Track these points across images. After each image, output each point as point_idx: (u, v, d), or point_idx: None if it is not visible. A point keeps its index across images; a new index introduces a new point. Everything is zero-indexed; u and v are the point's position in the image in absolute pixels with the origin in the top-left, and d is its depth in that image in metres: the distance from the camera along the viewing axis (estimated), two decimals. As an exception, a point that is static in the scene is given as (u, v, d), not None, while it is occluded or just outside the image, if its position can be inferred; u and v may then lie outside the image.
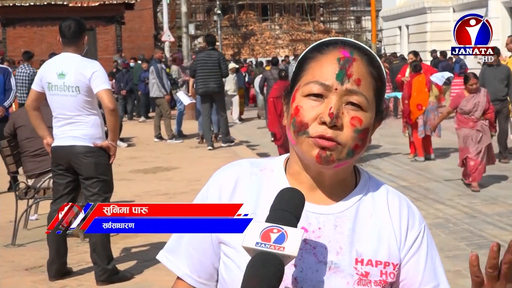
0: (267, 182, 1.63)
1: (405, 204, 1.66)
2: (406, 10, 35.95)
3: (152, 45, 35.00)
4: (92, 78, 5.62)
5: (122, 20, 32.22)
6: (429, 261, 1.62)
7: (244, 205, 1.55)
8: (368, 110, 1.55)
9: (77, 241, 7.15)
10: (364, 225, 1.59)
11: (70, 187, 5.86)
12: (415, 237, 1.62)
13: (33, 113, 5.88)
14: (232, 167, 1.68)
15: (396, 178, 10.83)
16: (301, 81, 1.57)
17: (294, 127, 1.54)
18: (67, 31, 5.77)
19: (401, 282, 1.60)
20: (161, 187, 10.28)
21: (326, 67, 1.55)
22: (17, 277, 6.13)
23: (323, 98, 1.53)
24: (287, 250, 1.36)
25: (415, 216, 1.65)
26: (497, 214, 8.23)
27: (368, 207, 1.62)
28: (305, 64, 1.60)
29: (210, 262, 1.64)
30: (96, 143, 5.73)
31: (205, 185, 1.69)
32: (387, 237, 1.59)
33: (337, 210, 1.59)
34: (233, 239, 1.56)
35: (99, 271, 5.78)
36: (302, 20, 50.25)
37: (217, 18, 42.73)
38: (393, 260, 1.58)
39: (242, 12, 49.83)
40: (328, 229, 1.56)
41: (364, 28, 54.98)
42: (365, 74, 1.56)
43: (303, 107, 1.53)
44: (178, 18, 40.44)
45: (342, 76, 1.53)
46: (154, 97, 16.13)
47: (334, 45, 1.59)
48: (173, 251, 1.67)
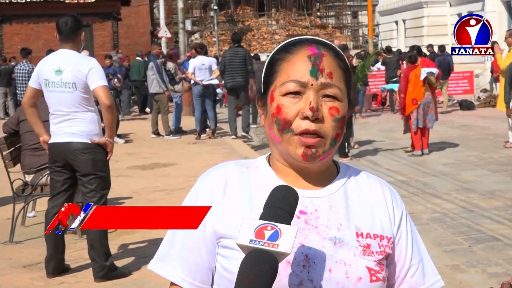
0: (256, 178, 1.70)
1: (386, 186, 1.78)
2: (403, 4, 35.93)
3: (148, 41, 34.93)
4: (89, 74, 5.62)
5: (118, 16, 32.18)
6: (413, 238, 1.74)
7: (238, 201, 1.64)
8: (342, 100, 1.65)
9: (75, 238, 7.14)
10: (355, 203, 1.69)
11: (67, 184, 5.86)
12: (400, 216, 1.74)
13: (29, 110, 5.87)
14: (218, 168, 1.75)
15: (394, 172, 10.83)
16: (276, 82, 1.66)
17: (278, 125, 1.63)
18: (64, 28, 5.76)
19: (396, 254, 1.71)
20: (158, 183, 10.28)
21: (299, 65, 1.65)
22: (15, 274, 6.13)
23: (301, 94, 1.63)
24: (281, 248, 1.39)
25: (397, 197, 1.77)
26: (494, 208, 8.24)
27: (354, 188, 1.72)
28: (276, 65, 1.68)
29: (206, 263, 1.66)
30: (93, 140, 5.73)
31: (192, 188, 1.73)
32: (378, 213, 1.70)
33: (328, 193, 1.69)
34: (234, 230, 1.57)
35: (97, 267, 5.77)
36: (299, 15, 50.20)
37: (213, 14, 42.65)
38: (387, 234, 1.68)
39: (238, 8, 49.75)
40: (324, 210, 1.65)
41: (361, 23, 54.91)
42: (335, 67, 1.66)
43: (284, 105, 1.63)
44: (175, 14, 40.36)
45: (315, 72, 1.63)
46: (154, 93, 16.11)
47: (301, 44, 1.69)
48: (165, 257, 1.70)
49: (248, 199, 1.64)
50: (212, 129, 15.91)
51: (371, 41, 31.35)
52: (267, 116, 1.68)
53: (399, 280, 1.72)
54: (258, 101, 1.74)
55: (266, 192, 1.58)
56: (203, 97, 15.56)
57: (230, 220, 1.62)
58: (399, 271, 1.71)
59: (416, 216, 7.81)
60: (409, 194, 9.16)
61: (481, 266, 6.15)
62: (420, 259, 1.73)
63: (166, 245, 1.71)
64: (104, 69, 19.52)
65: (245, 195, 1.66)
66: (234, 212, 1.62)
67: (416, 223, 1.84)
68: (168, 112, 16.30)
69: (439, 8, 33.06)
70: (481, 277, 5.90)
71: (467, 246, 6.76)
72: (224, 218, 1.63)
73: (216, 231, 1.63)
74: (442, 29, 32.30)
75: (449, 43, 29.16)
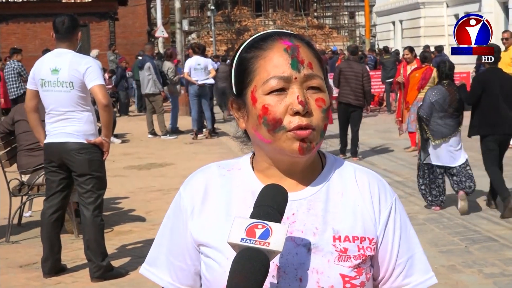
0: (237, 180, 1.67)
1: (374, 180, 1.69)
2: (400, 5, 35.97)
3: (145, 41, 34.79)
4: (86, 73, 5.61)
5: (115, 16, 32.12)
6: (403, 233, 1.66)
7: (216, 209, 1.62)
8: (325, 90, 1.60)
9: (71, 237, 7.14)
10: (337, 204, 1.63)
11: (63, 184, 5.85)
12: (388, 212, 1.65)
13: (32, 115, 5.87)
14: (200, 172, 1.73)
15: (391, 173, 10.83)
16: (256, 81, 1.58)
17: (267, 126, 1.56)
18: (61, 27, 5.76)
19: (380, 255, 1.64)
20: (155, 183, 10.28)
21: (277, 60, 1.57)
22: (11, 274, 6.12)
23: (285, 90, 1.56)
24: (272, 246, 1.39)
25: (386, 190, 1.68)
26: (491, 209, 8.24)
27: (338, 186, 1.65)
28: (249, 64, 1.60)
29: (192, 267, 1.67)
30: (89, 140, 5.72)
31: (177, 192, 1.72)
32: (361, 213, 1.62)
33: (308, 194, 1.62)
34: (211, 239, 1.60)
35: (93, 267, 5.77)
36: (296, 16, 50.23)
37: (210, 14, 42.71)
38: (369, 235, 1.61)
39: (235, 8, 49.75)
40: (301, 213, 1.60)
41: (358, 24, 54.99)
42: (311, 57, 1.61)
43: (270, 104, 1.55)
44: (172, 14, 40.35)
45: (296, 64, 1.57)
46: (150, 93, 16.10)
47: (271, 38, 1.62)
48: (154, 262, 1.72)
49: (226, 206, 1.62)
50: (209, 129, 15.92)
51: (368, 41, 31.39)
52: (250, 118, 1.60)
53: (383, 281, 1.66)
54: (231, 104, 1.66)
55: (244, 196, 1.58)
56: (199, 97, 15.57)
57: (207, 228, 1.62)
58: (384, 272, 1.65)
59: (413, 216, 7.81)
60: (405, 194, 9.16)
61: (477, 266, 6.16)
62: (410, 256, 1.66)
63: (155, 250, 1.73)
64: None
65: (223, 201, 1.63)
66: (211, 220, 1.62)
67: (413, 224, 1.80)
68: (164, 112, 16.31)
69: (436, 9, 33.12)
70: (477, 278, 5.90)
71: (464, 246, 6.77)
72: (201, 226, 1.63)
73: (195, 239, 1.64)
74: (439, 30, 32.36)
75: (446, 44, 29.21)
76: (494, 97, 8.04)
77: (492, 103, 8.04)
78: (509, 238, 7.02)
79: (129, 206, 8.74)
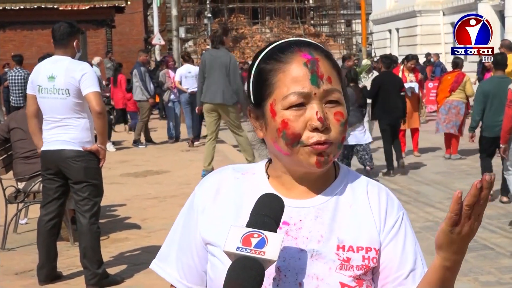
0: (250, 184, 1.69)
1: (384, 193, 1.71)
2: (396, 13, 36.06)
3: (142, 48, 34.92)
4: (82, 80, 5.61)
5: (112, 24, 32.13)
6: (407, 247, 1.65)
7: (226, 210, 1.65)
8: (343, 102, 1.61)
9: (67, 245, 7.13)
10: (345, 214, 1.64)
11: (59, 192, 5.85)
12: (393, 223, 1.66)
13: (32, 121, 5.87)
14: (215, 173, 1.75)
15: (387, 181, 10.84)
16: (275, 95, 1.59)
17: (286, 140, 1.57)
18: (57, 34, 5.77)
19: (381, 266, 1.63)
20: (151, 190, 10.26)
21: (297, 75, 1.58)
22: (6, 281, 6.11)
23: (304, 105, 1.57)
24: (268, 255, 1.40)
25: (393, 204, 1.70)
26: (487, 217, 8.25)
27: (348, 197, 1.66)
28: (268, 76, 1.61)
29: (199, 266, 1.69)
30: (86, 147, 5.71)
31: (192, 192, 1.75)
32: (367, 224, 1.63)
33: (318, 202, 1.64)
34: (218, 238, 1.61)
35: (89, 275, 5.75)
36: (293, 24, 50.29)
37: (207, 22, 42.72)
38: (375, 245, 1.62)
39: (232, 16, 49.80)
40: (309, 220, 1.61)
41: (354, 31, 55.04)
42: (330, 70, 1.61)
43: (290, 119, 1.57)
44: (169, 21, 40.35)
45: (316, 80, 1.57)
46: (137, 100, 16.14)
47: (290, 49, 1.61)
48: (165, 258, 1.73)
49: (236, 208, 1.64)
50: (193, 137, 15.94)
51: (364, 49, 31.41)
52: (269, 130, 1.61)
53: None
54: (249, 114, 1.68)
55: (254, 201, 1.59)
56: (192, 105, 15.52)
57: (215, 227, 1.63)
58: (383, 280, 1.63)
59: (409, 224, 7.80)
60: (401, 202, 9.11)
61: (473, 274, 6.16)
62: (413, 269, 1.63)
63: (167, 246, 1.75)
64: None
65: (234, 203, 1.65)
66: (220, 220, 1.64)
67: (409, 231, 1.78)
68: (147, 121, 16.30)
69: (432, 17, 33.22)
70: (473, 286, 5.90)
71: (460, 254, 6.76)
72: (210, 225, 1.65)
73: (203, 237, 1.66)
74: (435, 38, 32.44)
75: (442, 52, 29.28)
76: (387, 92, 11.43)
77: (386, 97, 11.44)
78: (505, 246, 7.03)
79: (125, 213, 8.73)
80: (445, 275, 1.52)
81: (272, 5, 50.17)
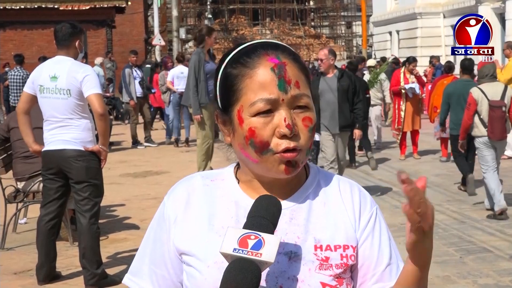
0: (220, 191, 1.66)
1: (356, 189, 1.70)
2: (397, 15, 36.04)
3: (143, 48, 34.96)
4: (84, 81, 5.62)
5: (112, 24, 32.13)
6: (383, 243, 1.66)
7: (198, 218, 1.62)
8: (311, 108, 1.58)
9: (67, 245, 7.13)
10: (319, 214, 1.63)
11: (60, 192, 5.85)
12: (367, 219, 1.66)
13: (22, 118, 5.86)
14: (183, 182, 1.71)
15: (386, 183, 10.85)
16: (242, 101, 1.56)
17: (254, 147, 1.55)
18: (59, 34, 5.79)
19: (359, 263, 1.63)
20: (150, 191, 10.27)
21: (264, 81, 1.54)
22: (5, 281, 6.11)
23: (272, 111, 1.54)
24: (264, 257, 1.40)
25: (366, 200, 1.69)
26: (486, 220, 8.26)
27: (321, 196, 1.65)
28: (235, 82, 1.57)
29: (174, 276, 1.66)
30: (87, 147, 5.72)
31: (162, 202, 1.72)
32: (343, 222, 1.63)
33: (291, 204, 1.62)
34: (193, 248, 1.60)
35: (88, 275, 5.76)
36: (293, 25, 50.36)
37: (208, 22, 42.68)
38: (352, 243, 1.62)
39: (233, 17, 49.85)
40: (284, 223, 1.58)
41: (355, 33, 55.09)
42: (298, 74, 1.57)
43: (257, 127, 1.53)
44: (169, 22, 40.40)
45: (283, 85, 1.53)
46: (123, 101, 16.21)
47: (256, 53, 1.57)
48: (137, 272, 1.71)
49: (208, 216, 1.62)
50: (186, 137, 15.94)
51: (365, 51, 31.43)
52: (237, 137, 1.58)
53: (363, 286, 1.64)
54: (217, 118, 1.65)
55: (228, 206, 1.59)
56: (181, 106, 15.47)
57: (189, 237, 1.61)
58: (362, 277, 1.63)
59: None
60: (401, 205, 9.15)
61: (471, 277, 6.16)
62: (389, 263, 1.64)
63: (139, 259, 1.72)
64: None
65: (206, 211, 1.63)
66: (193, 229, 1.62)
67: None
68: (137, 122, 16.32)
69: (432, 19, 33.18)
70: (472, 288, 5.91)
71: (458, 257, 6.77)
72: (183, 234, 1.63)
73: (177, 247, 1.63)
74: (435, 40, 32.42)
75: (443, 54, 29.29)
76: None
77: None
78: (504, 249, 7.04)
79: (124, 213, 8.74)
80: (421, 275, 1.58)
81: (272, 6, 50.24)
